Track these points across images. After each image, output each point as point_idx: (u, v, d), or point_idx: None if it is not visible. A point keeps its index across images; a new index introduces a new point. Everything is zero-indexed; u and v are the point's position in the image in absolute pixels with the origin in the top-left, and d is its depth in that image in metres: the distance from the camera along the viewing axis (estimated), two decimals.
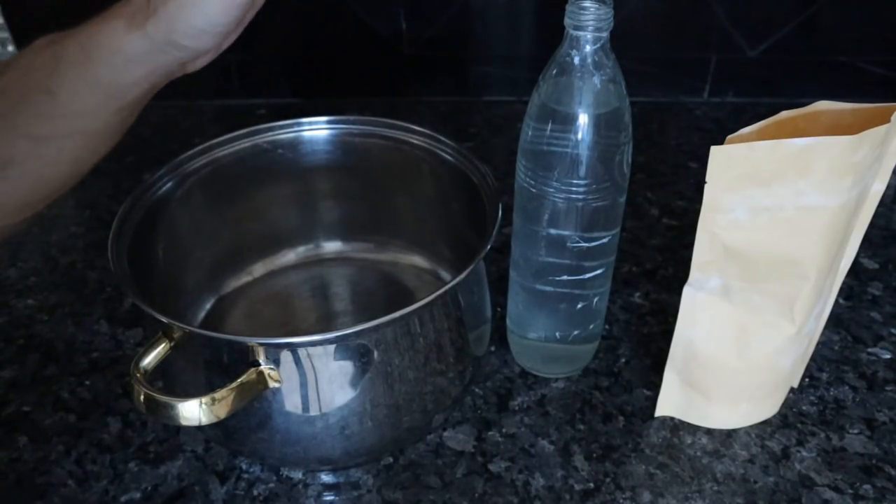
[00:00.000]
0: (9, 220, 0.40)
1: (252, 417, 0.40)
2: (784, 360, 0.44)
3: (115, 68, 0.36)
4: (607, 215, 0.43)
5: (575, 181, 0.41)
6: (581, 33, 0.38)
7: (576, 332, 0.48)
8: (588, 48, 0.39)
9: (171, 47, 0.36)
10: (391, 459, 0.46)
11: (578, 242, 0.43)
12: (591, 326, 0.49)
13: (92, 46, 0.36)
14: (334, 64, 0.80)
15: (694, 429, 0.47)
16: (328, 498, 0.44)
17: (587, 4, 0.38)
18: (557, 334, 0.48)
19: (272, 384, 0.38)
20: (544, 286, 0.46)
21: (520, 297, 0.48)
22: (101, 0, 0.43)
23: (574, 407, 0.49)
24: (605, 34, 0.38)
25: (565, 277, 0.45)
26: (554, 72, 0.40)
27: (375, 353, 0.39)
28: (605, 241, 0.44)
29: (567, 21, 0.38)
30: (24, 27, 0.78)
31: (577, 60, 0.39)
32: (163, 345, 0.38)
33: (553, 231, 0.43)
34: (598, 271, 0.45)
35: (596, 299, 0.47)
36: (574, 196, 0.41)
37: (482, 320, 0.47)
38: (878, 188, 0.41)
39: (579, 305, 0.46)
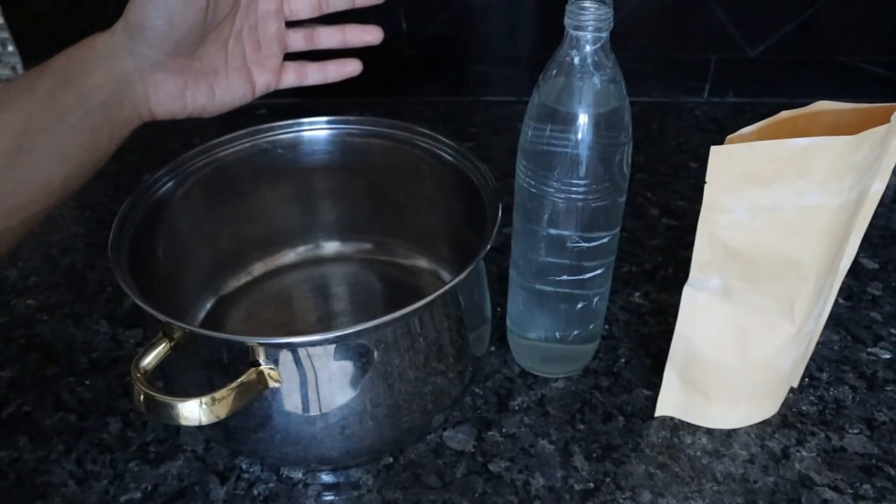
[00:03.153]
0: None
1: (252, 417, 0.40)
2: (784, 360, 0.44)
3: (85, 67, 0.41)
4: (607, 215, 0.43)
5: (575, 181, 0.41)
6: (581, 33, 0.38)
7: (576, 332, 0.48)
8: (588, 48, 0.39)
9: (129, 37, 0.41)
10: (391, 459, 0.46)
11: (578, 242, 0.43)
12: (591, 326, 0.49)
13: (72, 50, 0.41)
14: None
15: (694, 429, 0.47)
16: (328, 498, 0.44)
17: (587, 4, 0.38)
18: (557, 334, 0.48)
19: (272, 384, 0.38)
20: (544, 286, 0.46)
21: (520, 297, 0.48)
22: (98, 0, 0.43)
23: (574, 407, 0.49)
24: (604, 34, 0.38)
25: (565, 277, 0.45)
26: (554, 72, 0.40)
27: (375, 353, 0.39)
28: (605, 241, 0.44)
29: (567, 21, 0.38)
30: (25, 27, 0.78)
31: (577, 60, 0.39)
32: (163, 345, 0.38)
33: (553, 231, 0.43)
34: (598, 271, 0.45)
35: (596, 299, 0.47)
36: (574, 196, 0.41)
37: (482, 320, 0.47)
38: (878, 188, 0.41)
39: (579, 305, 0.46)
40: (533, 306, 0.48)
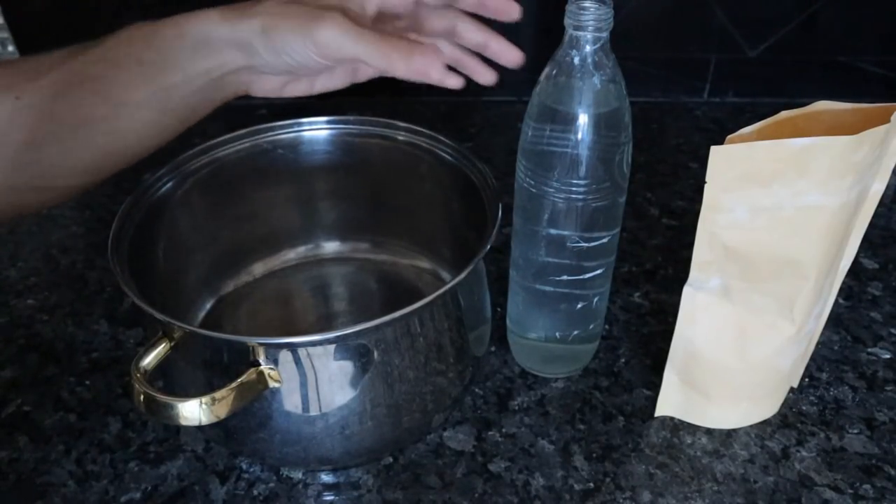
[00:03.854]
0: (72, 181, 0.43)
1: (252, 417, 0.40)
2: (784, 359, 0.44)
3: (199, 50, 0.41)
4: (607, 215, 0.43)
5: (575, 181, 0.41)
6: (581, 33, 0.38)
7: (576, 332, 0.48)
8: (588, 48, 0.39)
9: (247, 48, 0.41)
10: (391, 459, 0.46)
11: (578, 242, 0.43)
12: (591, 326, 0.49)
13: (185, 26, 0.41)
14: None
15: (694, 429, 0.47)
16: (328, 498, 0.44)
17: (587, 4, 0.38)
18: (557, 334, 0.48)
19: (272, 384, 0.38)
20: (544, 286, 0.46)
21: (520, 297, 0.48)
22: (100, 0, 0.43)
23: (574, 407, 0.49)
24: (605, 34, 0.38)
25: (565, 277, 0.45)
26: (554, 72, 0.40)
27: (375, 353, 0.39)
28: (605, 241, 0.44)
29: (567, 21, 0.38)
30: (24, 27, 0.78)
31: (577, 60, 0.39)
32: (163, 345, 0.38)
33: (553, 231, 0.43)
34: (598, 271, 0.45)
35: (596, 299, 0.47)
36: (574, 196, 0.41)
37: (482, 320, 0.47)
38: (878, 188, 0.41)
39: (579, 305, 0.46)
40: (533, 306, 0.48)
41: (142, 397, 0.36)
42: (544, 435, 0.47)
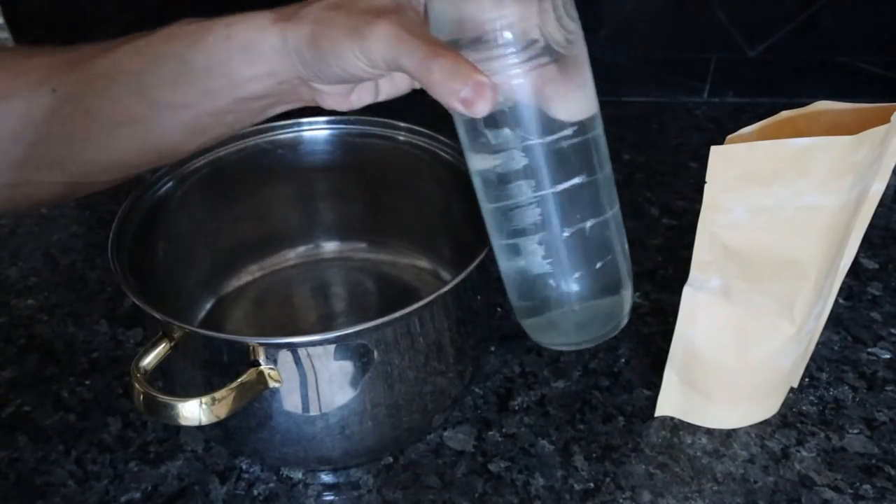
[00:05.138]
0: (105, 177, 0.41)
1: (252, 417, 0.40)
2: (784, 359, 0.44)
3: (246, 55, 0.37)
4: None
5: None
6: None
7: (578, 275, 0.38)
8: None
9: (297, 56, 0.36)
10: (391, 459, 0.46)
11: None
12: (600, 265, 0.38)
13: (235, 28, 0.36)
14: None
15: (694, 429, 0.47)
16: (328, 498, 0.44)
17: None
18: (562, 285, 0.38)
19: (272, 384, 0.38)
20: (522, 238, 0.38)
21: (511, 272, 0.40)
22: None
23: (574, 407, 0.49)
24: None
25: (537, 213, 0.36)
26: None
27: (375, 353, 0.39)
28: (569, 140, 0.35)
29: None
30: (24, 27, 0.78)
31: None
32: (163, 345, 0.38)
33: (517, 182, 0.36)
34: (575, 180, 0.36)
35: (589, 224, 0.37)
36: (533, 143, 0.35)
37: (482, 320, 0.47)
38: (878, 188, 0.41)
39: (565, 234, 0.37)
40: (525, 269, 0.38)
41: (142, 397, 0.36)
42: (544, 435, 0.47)
